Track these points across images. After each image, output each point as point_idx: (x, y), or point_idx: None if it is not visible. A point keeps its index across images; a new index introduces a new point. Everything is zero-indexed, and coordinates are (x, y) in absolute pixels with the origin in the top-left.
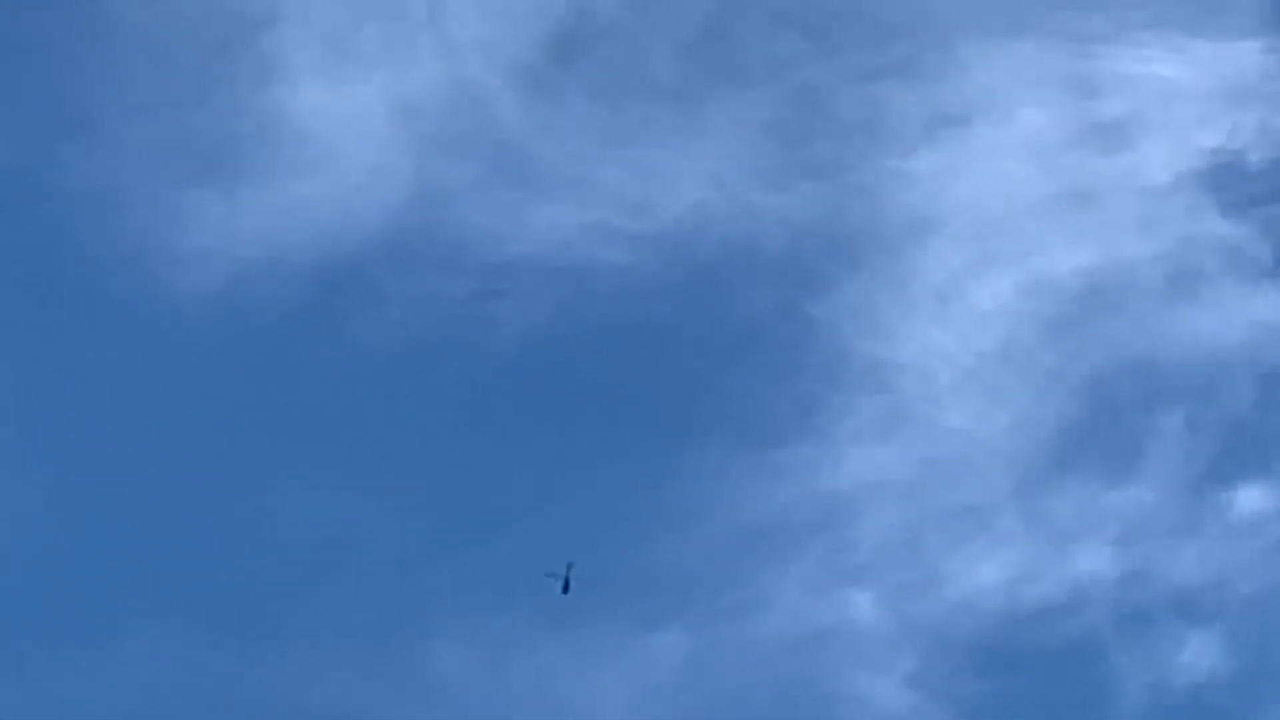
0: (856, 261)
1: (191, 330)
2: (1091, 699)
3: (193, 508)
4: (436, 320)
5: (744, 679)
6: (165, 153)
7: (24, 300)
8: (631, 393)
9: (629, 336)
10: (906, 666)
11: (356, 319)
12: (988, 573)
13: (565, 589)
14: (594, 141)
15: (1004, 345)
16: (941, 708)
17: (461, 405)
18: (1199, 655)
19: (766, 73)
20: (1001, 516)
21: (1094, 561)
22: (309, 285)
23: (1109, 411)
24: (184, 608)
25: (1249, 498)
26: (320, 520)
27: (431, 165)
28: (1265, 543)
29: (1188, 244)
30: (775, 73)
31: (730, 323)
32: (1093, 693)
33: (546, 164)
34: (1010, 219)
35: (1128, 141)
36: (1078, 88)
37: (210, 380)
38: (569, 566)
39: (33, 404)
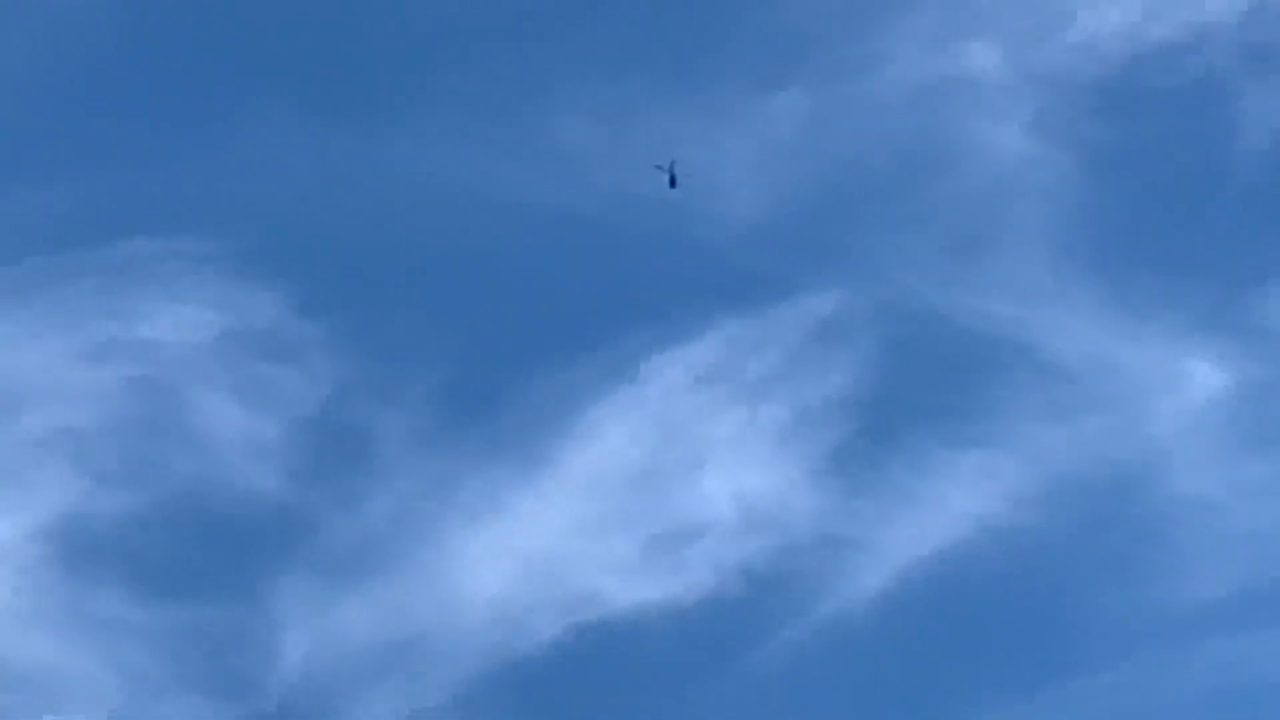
0: None
1: None
2: (1216, 137)
3: None
4: None
5: (865, 134)
6: None
7: None
8: None
9: None
10: (1027, 112)
11: None
12: (1110, 14)
13: (672, 184)
14: None
15: None
16: (1063, 153)
17: None
18: None
19: None
20: None
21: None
22: None
23: None
24: (307, 87)
25: None
26: None
27: None
28: None
29: None
30: None
31: None
32: (1217, 131)
33: None
34: None
35: None
36: None
37: None
38: (673, 162)
39: None
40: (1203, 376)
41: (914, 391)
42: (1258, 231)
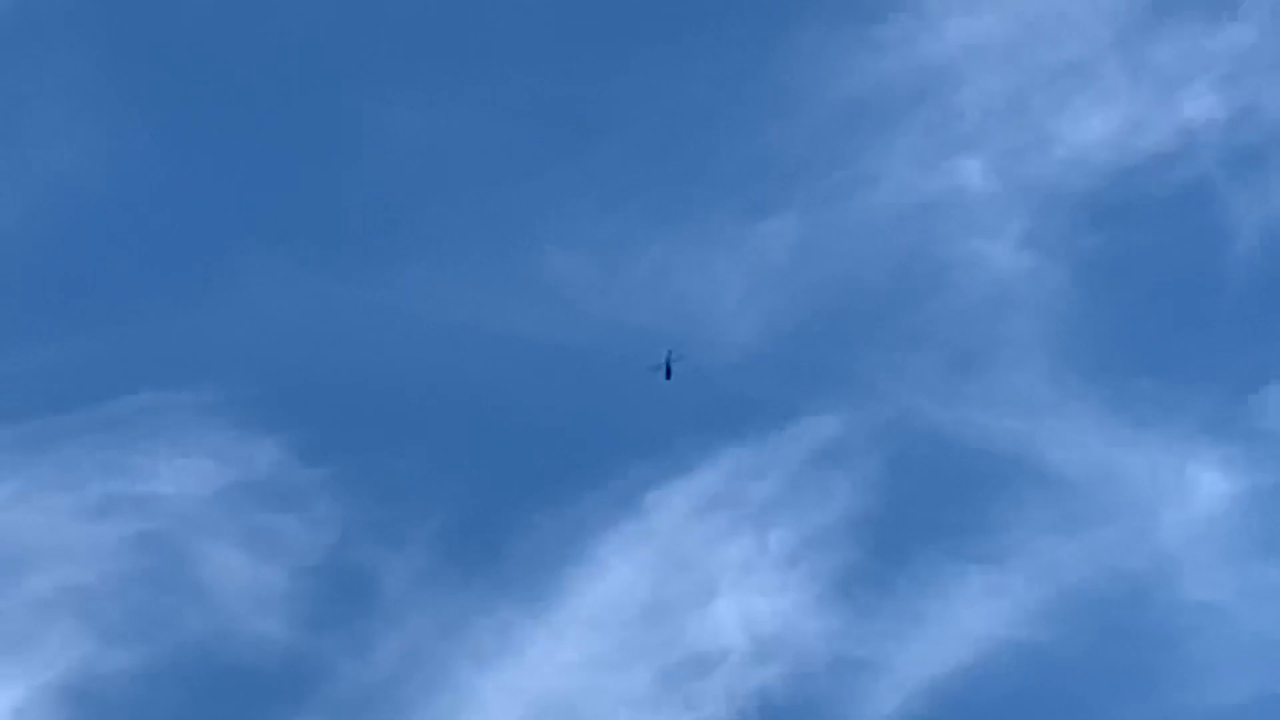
0: None
1: None
2: (1207, 242)
3: (303, 135)
4: None
5: (857, 255)
6: None
7: None
8: None
9: None
10: (1019, 227)
11: None
12: (1095, 126)
13: (668, 375)
14: None
15: None
16: (1058, 265)
17: (554, 9)
18: None
19: None
20: (1105, 69)
21: (1201, 105)
22: None
23: None
24: (299, 234)
25: None
26: (426, 138)
27: None
28: None
29: None
30: None
31: None
32: (1208, 235)
33: None
34: None
35: None
36: None
37: (302, 4)
38: (669, 354)
39: (126, 37)
40: (1208, 482)
41: (920, 510)
42: (1255, 334)
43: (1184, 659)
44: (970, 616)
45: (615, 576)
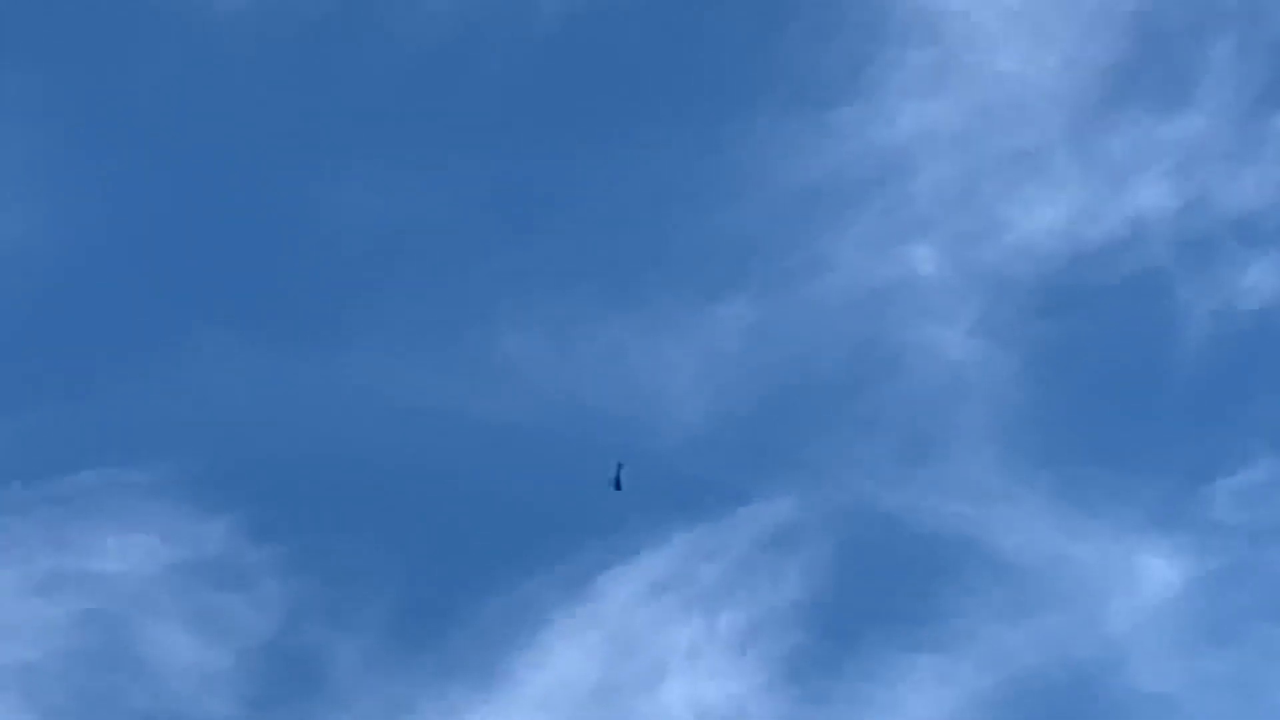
0: None
1: (232, 32)
2: (1158, 331)
3: (248, 213)
4: (477, 4)
5: (810, 341)
6: None
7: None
8: (676, 64)
9: (670, 6)
10: (971, 315)
11: (396, 10)
12: (1046, 215)
13: (618, 486)
14: None
15: None
16: (1009, 352)
17: (506, 90)
18: (1263, 278)
19: None
20: (1057, 158)
21: (1152, 194)
22: None
23: (1158, 42)
24: (247, 312)
25: None
26: (375, 217)
27: None
28: None
29: None
30: None
31: None
32: (1159, 325)
33: None
34: None
35: None
36: None
37: (256, 83)
38: (619, 466)
39: (83, 111)
40: (1157, 571)
41: (870, 595)
42: (1204, 424)
43: None
44: (918, 703)
45: (564, 658)
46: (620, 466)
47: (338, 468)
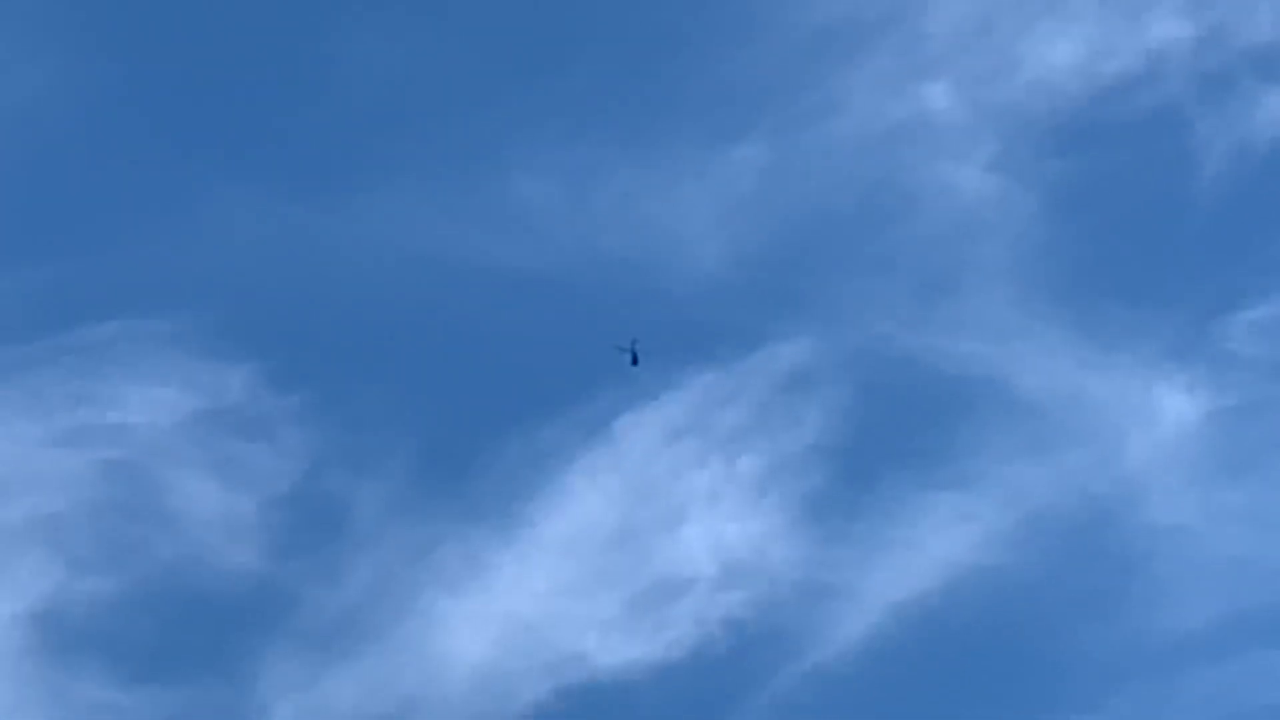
0: None
1: None
2: (1175, 166)
3: (271, 64)
4: None
5: (825, 181)
6: None
7: None
8: None
9: None
10: (987, 152)
11: None
12: (1063, 50)
13: (634, 361)
14: None
15: None
16: (1025, 189)
17: None
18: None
19: None
20: None
21: (1169, 27)
22: None
23: None
24: (268, 163)
25: None
26: (394, 66)
27: None
28: None
29: None
30: None
31: None
32: (1176, 160)
33: None
34: None
35: None
36: None
37: None
38: (634, 341)
39: None
40: (1174, 406)
41: (887, 436)
42: (1221, 258)
43: (1150, 582)
44: (937, 541)
45: (584, 503)
46: (635, 341)
47: (356, 316)
